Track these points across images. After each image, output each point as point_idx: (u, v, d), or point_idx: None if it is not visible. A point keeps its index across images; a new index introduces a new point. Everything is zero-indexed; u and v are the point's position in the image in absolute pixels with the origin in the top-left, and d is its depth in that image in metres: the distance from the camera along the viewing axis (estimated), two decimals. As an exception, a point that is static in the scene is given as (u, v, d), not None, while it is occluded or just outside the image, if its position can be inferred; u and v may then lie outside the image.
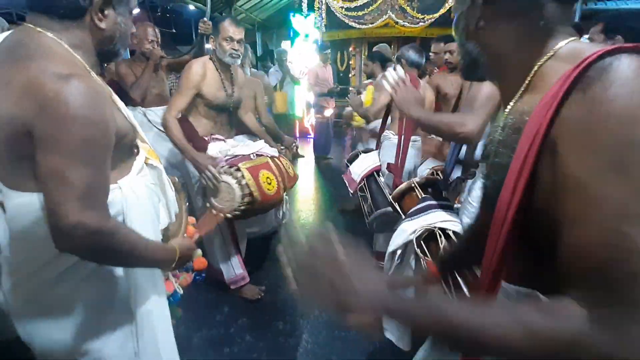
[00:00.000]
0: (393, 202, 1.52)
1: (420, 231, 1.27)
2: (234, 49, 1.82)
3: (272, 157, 1.93)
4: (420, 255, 1.24)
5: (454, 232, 1.26)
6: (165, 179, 0.98)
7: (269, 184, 1.78)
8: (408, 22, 5.70)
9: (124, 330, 0.86)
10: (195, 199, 2.01)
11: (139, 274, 0.85)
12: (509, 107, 0.56)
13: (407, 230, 1.30)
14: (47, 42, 0.70)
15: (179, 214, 1.04)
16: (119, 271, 0.85)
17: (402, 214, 1.46)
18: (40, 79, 0.64)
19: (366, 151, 2.35)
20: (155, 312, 0.87)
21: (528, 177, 0.47)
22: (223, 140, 1.93)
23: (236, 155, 1.85)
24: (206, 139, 1.91)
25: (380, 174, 2.11)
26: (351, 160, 2.33)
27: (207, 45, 2.41)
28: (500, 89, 0.62)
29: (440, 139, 2.20)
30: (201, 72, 1.82)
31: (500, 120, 0.58)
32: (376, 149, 2.32)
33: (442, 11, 5.20)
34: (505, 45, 0.56)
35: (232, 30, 1.80)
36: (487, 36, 0.57)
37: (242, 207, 1.70)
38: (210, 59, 1.90)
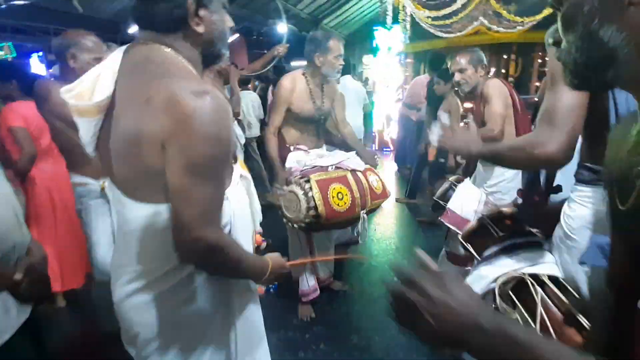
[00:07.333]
0: (464, 242, 1.30)
1: (504, 278, 1.08)
2: (340, 65, 1.95)
3: (353, 171, 1.87)
4: (507, 308, 1.05)
5: (549, 276, 1.04)
6: (253, 190, 1.00)
7: (340, 199, 1.74)
8: (503, 27, 5.20)
9: (223, 339, 0.87)
10: None
11: (240, 283, 0.90)
12: None
13: (487, 276, 1.12)
14: (172, 58, 0.71)
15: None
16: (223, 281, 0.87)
17: (476, 256, 1.25)
18: (178, 96, 0.65)
19: (458, 181, 1.85)
20: (252, 320, 0.92)
21: None
22: (306, 150, 1.99)
23: (314, 166, 1.86)
24: (291, 148, 2.00)
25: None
26: (444, 197, 1.78)
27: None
28: None
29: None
30: (290, 87, 1.95)
31: None
32: (468, 176, 2.00)
33: (545, 13, 4.61)
34: None
35: (340, 47, 1.93)
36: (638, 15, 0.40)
37: (307, 220, 1.70)
38: (303, 74, 2.00)
